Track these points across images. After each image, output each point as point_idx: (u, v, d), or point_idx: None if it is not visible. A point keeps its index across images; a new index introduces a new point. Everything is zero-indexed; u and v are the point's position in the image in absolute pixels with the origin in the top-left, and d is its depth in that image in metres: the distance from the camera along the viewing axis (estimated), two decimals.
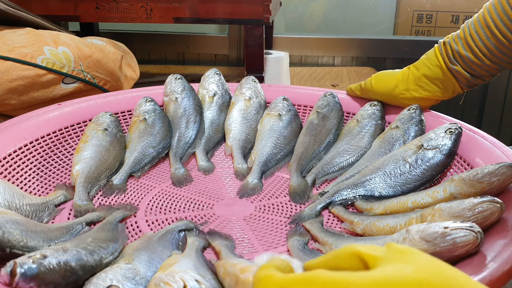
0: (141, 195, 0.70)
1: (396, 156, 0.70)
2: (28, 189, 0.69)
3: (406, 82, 0.80)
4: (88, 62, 0.92)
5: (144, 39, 1.67)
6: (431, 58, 0.79)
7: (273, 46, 1.63)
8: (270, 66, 1.36)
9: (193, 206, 0.68)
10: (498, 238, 0.49)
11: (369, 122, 0.81)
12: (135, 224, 0.63)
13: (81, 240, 0.52)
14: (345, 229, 0.63)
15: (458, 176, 0.59)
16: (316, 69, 1.60)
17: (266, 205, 0.68)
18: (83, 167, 0.71)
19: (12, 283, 0.42)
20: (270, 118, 0.84)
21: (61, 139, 0.79)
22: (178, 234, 0.58)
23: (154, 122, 0.82)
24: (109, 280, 0.44)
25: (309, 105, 0.91)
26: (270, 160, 0.77)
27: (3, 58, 0.81)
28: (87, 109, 0.84)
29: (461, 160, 0.70)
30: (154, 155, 0.78)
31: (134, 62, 1.09)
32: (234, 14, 1.04)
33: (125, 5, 1.06)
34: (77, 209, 0.64)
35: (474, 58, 0.75)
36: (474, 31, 0.74)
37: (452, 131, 0.70)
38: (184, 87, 0.89)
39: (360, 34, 1.71)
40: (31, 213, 0.60)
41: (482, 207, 0.51)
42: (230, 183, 0.74)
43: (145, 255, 0.50)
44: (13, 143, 0.71)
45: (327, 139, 0.80)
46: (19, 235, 0.49)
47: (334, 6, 1.72)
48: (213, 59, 1.70)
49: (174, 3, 1.05)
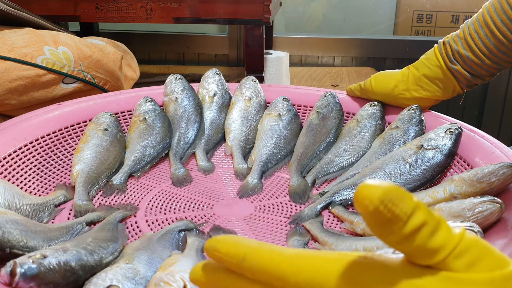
0: (141, 195, 0.70)
1: (396, 156, 0.70)
2: (28, 189, 0.69)
3: (406, 82, 0.80)
4: (88, 62, 0.92)
5: (144, 39, 1.67)
6: (431, 58, 0.79)
7: (273, 46, 1.63)
8: (270, 66, 1.35)
9: (193, 206, 0.68)
10: (498, 238, 0.49)
11: (369, 122, 0.81)
12: (135, 224, 0.63)
13: (81, 240, 0.52)
14: (345, 229, 0.63)
15: (458, 176, 0.59)
16: (316, 69, 1.60)
17: (266, 205, 0.68)
18: (83, 167, 0.71)
19: (12, 283, 0.42)
20: (270, 118, 0.84)
21: (61, 139, 0.79)
22: (178, 234, 0.58)
23: (154, 122, 0.82)
24: (109, 280, 0.44)
25: (309, 105, 0.91)
26: (270, 160, 0.77)
27: (3, 58, 0.81)
28: (87, 109, 0.84)
29: (461, 160, 0.70)
30: (154, 155, 0.78)
31: (134, 62, 1.09)
32: (234, 14, 1.05)
33: (125, 5, 1.06)
34: (77, 209, 0.64)
35: (474, 58, 0.75)
36: (474, 30, 0.74)
37: (452, 131, 0.70)
38: (184, 87, 0.89)
39: (360, 34, 1.71)
40: (31, 213, 0.60)
41: (482, 207, 0.51)
42: (230, 183, 0.74)
43: (145, 255, 0.50)
44: (13, 143, 0.71)
45: (327, 139, 0.80)
46: (19, 235, 0.49)
47: (334, 6, 1.72)
48: (213, 59, 1.70)
49: (174, 3, 1.05)
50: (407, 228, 0.24)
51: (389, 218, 0.24)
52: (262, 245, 0.28)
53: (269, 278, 0.27)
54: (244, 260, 0.28)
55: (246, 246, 0.28)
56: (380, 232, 0.25)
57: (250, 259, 0.28)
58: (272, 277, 0.27)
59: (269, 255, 0.27)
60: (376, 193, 0.24)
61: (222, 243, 0.29)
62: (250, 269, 0.28)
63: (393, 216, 0.24)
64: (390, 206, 0.24)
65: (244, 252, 0.28)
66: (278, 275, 0.27)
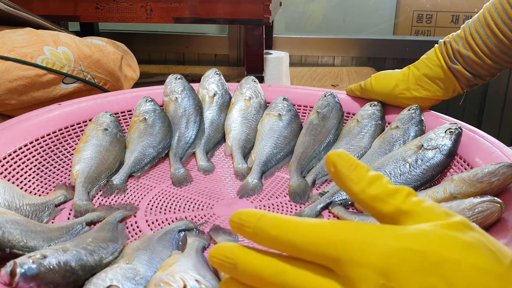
0: (141, 195, 0.70)
1: (396, 156, 0.70)
2: (28, 189, 0.69)
3: (407, 82, 0.80)
4: (88, 62, 0.92)
5: (144, 39, 1.67)
6: (431, 58, 0.79)
7: (273, 46, 1.63)
8: (270, 66, 1.35)
9: (193, 206, 0.68)
10: (498, 238, 0.49)
11: (369, 122, 0.81)
12: (135, 224, 0.63)
13: (81, 240, 0.52)
14: None
15: (458, 176, 0.59)
16: (316, 69, 1.60)
17: (266, 205, 0.68)
18: (83, 167, 0.71)
19: (12, 283, 0.42)
20: (270, 118, 0.84)
21: (61, 139, 0.79)
22: (178, 234, 0.58)
23: (154, 122, 0.82)
24: (109, 280, 0.44)
25: (309, 105, 0.91)
26: (270, 160, 0.77)
27: (3, 58, 0.81)
28: (87, 109, 0.84)
29: (461, 160, 0.70)
30: (154, 155, 0.78)
31: (134, 62, 1.09)
32: (234, 14, 1.05)
33: (125, 5, 1.06)
34: (77, 209, 0.64)
35: (475, 57, 0.75)
36: (475, 30, 0.74)
37: (452, 131, 0.70)
38: (184, 87, 0.89)
39: (360, 34, 1.71)
40: (31, 213, 0.60)
41: (482, 207, 0.51)
42: (230, 183, 0.74)
43: (145, 255, 0.50)
44: (13, 143, 0.71)
45: (327, 139, 0.80)
46: (19, 235, 0.49)
47: (334, 6, 1.72)
48: (213, 59, 1.70)
49: (174, 3, 1.05)
50: (370, 174, 0.34)
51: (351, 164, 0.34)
52: (278, 215, 0.33)
53: (278, 235, 0.31)
54: (260, 219, 0.33)
55: (264, 212, 0.33)
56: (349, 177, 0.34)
57: (265, 218, 0.32)
58: (281, 235, 0.31)
59: (281, 217, 0.32)
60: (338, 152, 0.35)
61: (245, 211, 0.34)
62: (265, 228, 0.32)
63: (354, 164, 0.34)
64: (352, 161, 0.34)
65: (261, 214, 0.33)
66: (287, 233, 0.31)
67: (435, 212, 0.31)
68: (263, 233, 0.32)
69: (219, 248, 0.34)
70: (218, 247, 0.34)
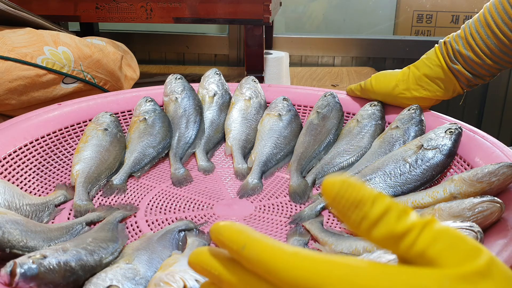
0: (141, 195, 0.70)
1: (396, 156, 0.70)
2: (28, 189, 0.69)
3: (407, 82, 0.80)
4: (88, 62, 0.92)
5: (144, 39, 1.67)
6: (431, 58, 0.79)
7: (273, 46, 1.63)
8: (270, 66, 1.35)
9: (193, 206, 0.68)
10: (498, 238, 0.49)
11: (369, 122, 0.81)
12: (135, 224, 0.63)
13: (81, 240, 0.52)
14: (345, 229, 0.63)
15: (458, 176, 0.59)
16: (316, 69, 1.60)
17: (266, 205, 0.68)
18: (83, 167, 0.71)
19: (12, 283, 0.42)
20: (270, 118, 0.84)
21: (61, 139, 0.79)
22: (178, 234, 0.58)
23: (154, 122, 0.82)
24: (109, 280, 0.44)
25: (309, 105, 0.91)
26: (270, 160, 0.77)
27: (3, 58, 0.81)
28: (87, 109, 0.84)
29: (461, 160, 0.70)
30: (154, 155, 0.78)
31: (134, 62, 1.09)
32: (234, 14, 1.04)
33: (125, 5, 1.06)
34: (77, 209, 0.64)
35: (475, 57, 0.75)
36: (475, 30, 0.74)
37: (452, 131, 0.70)
38: (184, 87, 0.89)
39: (360, 34, 1.71)
40: (31, 213, 0.60)
41: (482, 206, 0.51)
42: (230, 183, 0.74)
43: (145, 255, 0.50)
44: (13, 143, 0.71)
45: (327, 139, 0.80)
46: (19, 235, 0.49)
47: (334, 6, 1.72)
48: (213, 59, 1.70)
49: (174, 3, 1.05)
50: (374, 211, 0.26)
51: (353, 201, 0.26)
52: (264, 238, 0.28)
53: (265, 271, 0.27)
54: (244, 248, 0.28)
55: (249, 235, 0.28)
56: (350, 219, 0.26)
57: (250, 248, 0.28)
58: (268, 271, 0.27)
59: (269, 249, 0.27)
60: (337, 180, 0.26)
61: (226, 228, 0.29)
62: (248, 258, 0.28)
63: (357, 198, 0.26)
64: (351, 190, 0.26)
65: (245, 241, 0.28)
66: (274, 270, 0.27)
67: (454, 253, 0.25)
68: (247, 264, 0.28)
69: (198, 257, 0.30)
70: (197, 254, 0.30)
